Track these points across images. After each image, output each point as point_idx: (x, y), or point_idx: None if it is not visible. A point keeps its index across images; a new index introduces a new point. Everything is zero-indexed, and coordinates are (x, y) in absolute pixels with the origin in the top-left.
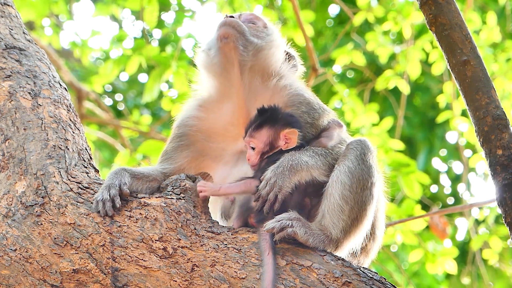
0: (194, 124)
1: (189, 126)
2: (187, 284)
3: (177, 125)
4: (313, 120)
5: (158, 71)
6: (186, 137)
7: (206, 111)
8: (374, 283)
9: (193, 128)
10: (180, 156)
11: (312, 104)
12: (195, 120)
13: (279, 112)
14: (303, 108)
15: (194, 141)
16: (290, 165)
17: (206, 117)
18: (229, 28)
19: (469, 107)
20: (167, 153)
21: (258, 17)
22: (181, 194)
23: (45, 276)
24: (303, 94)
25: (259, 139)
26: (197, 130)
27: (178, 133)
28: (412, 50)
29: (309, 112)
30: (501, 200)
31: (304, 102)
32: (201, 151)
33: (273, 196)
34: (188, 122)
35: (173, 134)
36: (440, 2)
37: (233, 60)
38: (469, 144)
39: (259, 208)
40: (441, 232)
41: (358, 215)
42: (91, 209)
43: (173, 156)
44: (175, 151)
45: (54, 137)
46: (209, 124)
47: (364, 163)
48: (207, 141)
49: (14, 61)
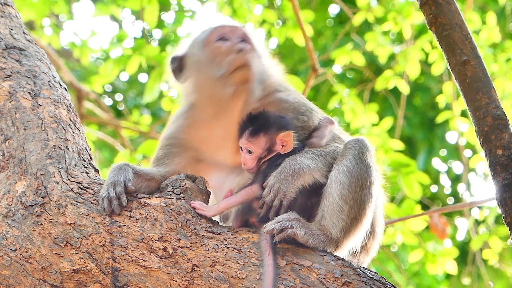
0: (184, 138)
1: (179, 139)
2: (187, 284)
3: (166, 137)
4: (303, 124)
5: (158, 71)
6: (177, 146)
7: (195, 129)
8: (374, 283)
9: (184, 140)
10: (172, 163)
11: (298, 108)
12: (185, 134)
13: (270, 116)
14: (290, 114)
15: (186, 149)
16: (293, 170)
17: (196, 135)
18: (249, 72)
19: (469, 107)
20: (159, 159)
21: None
22: (181, 194)
23: (45, 276)
24: (288, 101)
25: (257, 145)
26: (187, 143)
27: (168, 143)
28: (411, 50)
29: (297, 117)
30: (501, 200)
31: (290, 108)
32: (196, 157)
33: (278, 202)
34: (178, 135)
35: (162, 142)
36: (440, 2)
37: (240, 96)
38: (469, 144)
39: (263, 215)
40: (441, 232)
41: (357, 215)
42: (91, 209)
43: (166, 162)
44: (167, 157)
45: (54, 137)
46: (199, 142)
47: (363, 162)
48: (198, 152)
49: (14, 61)
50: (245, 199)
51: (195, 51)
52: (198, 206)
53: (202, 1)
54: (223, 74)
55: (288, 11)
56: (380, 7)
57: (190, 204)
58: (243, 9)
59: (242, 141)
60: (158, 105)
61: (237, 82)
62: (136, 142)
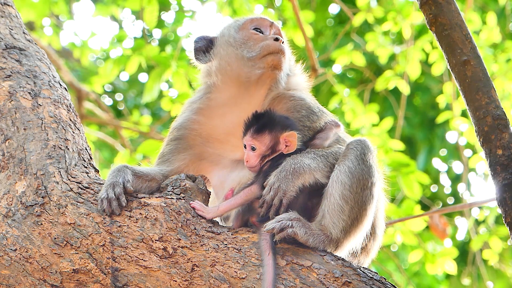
0: (194, 128)
1: (189, 129)
2: (187, 284)
3: (176, 127)
4: (311, 123)
5: (158, 71)
6: (184, 140)
7: (208, 115)
8: (374, 283)
9: (193, 132)
10: (177, 159)
11: (312, 108)
12: (195, 124)
13: (275, 115)
14: (304, 112)
15: (192, 145)
16: (293, 169)
17: (207, 123)
18: (282, 59)
19: (469, 107)
20: (164, 155)
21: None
22: (181, 194)
23: (45, 276)
24: (305, 99)
25: (261, 142)
26: (197, 134)
27: (177, 135)
28: (412, 50)
29: (309, 116)
30: (501, 200)
31: (305, 107)
32: (199, 155)
33: (278, 201)
34: (188, 125)
35: (170, 135)
36: (440, 2)
37: (266, 82)
38: (469, 144)
39: (264, 214)
40: (441, 233)
41: (358, 215)
42: (91, 209)
43: (170, 159)
44: (172, 154)
45: (54, 137)
46: (210, 129)
47: (364, 163)
48: (206, 146)
49: (14, 61)
50: (245, 200)
51: (229, 32)
52: (197, 207)
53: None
54: (255, 55)
55: (288, 11)
56: (380, 7)
57: (190, 204)
58: (243, 9)
59: (247, 138)
60: (158, 105)
61: (267, 66)
62: (136, 142)
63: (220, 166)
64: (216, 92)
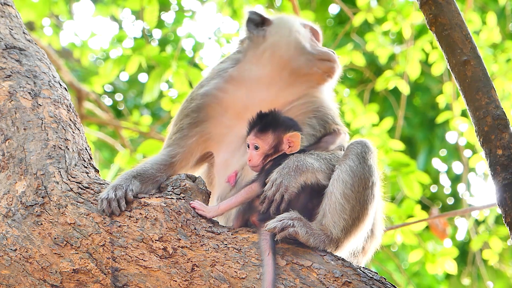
0: (219, 96)
1: (214, 97)
2: (187, 284)
3: (203, 93)
4: (322, 128)
5: (158, 71)
6: (205, 110)
7: (237, 85)
8: (374, 283)
9: (215, 101)
10: (190, 134)
11: (327, 115)
12: (222, 92)
13: (280, 115)
14: (319, 115)
15: (210, 116)
16: (296, 166)
17: (233, 92)
18: (337, 70)
19: (469, 107)
20: (183, 129)
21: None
22: (181, 194)
23: (45, 276)
24: (324, 106)
25: (264, 141)
26: (218, 103)
27: (200, 103)
28: (412, 50)
29: (323, 119)
30: (501, 200)
31: (322, 112)
32: (210, 131)
33: (279, 196)
34: (215, 93)
35: (192, 103)
36: (440, 2)
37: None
38: (469, 144)
39: (265, 210)
40: (441, 233)
41: (359, 214)
42: (91, 209)
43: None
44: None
45: (54, 137)
46: (233, 100)
47: (365, 162)
48: (223, 116)
49: (14, 61)
50: (246, 198)
51: (295, 22)
52: (198, 207)
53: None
54: (315, 54)
55: (288, 11)
56: (380, 7)
57: (190, 204)
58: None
59: (250, 137)
60: (158, 105)
61: (324, 70)
62: (136, 143)
63: (225, 146)
64: (253, 64)
